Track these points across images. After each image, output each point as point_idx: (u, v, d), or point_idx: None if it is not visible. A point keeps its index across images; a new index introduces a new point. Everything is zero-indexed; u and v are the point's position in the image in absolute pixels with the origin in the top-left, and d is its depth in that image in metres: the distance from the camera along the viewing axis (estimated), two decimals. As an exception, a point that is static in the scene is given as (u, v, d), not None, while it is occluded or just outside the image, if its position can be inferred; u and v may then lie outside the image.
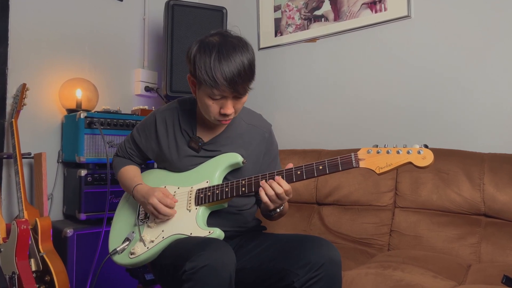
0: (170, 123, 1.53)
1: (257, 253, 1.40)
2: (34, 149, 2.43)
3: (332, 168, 1.26)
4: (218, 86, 1.28)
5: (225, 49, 1.29)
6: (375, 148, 1.23)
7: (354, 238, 2.12)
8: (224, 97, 1.33)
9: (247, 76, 1.31)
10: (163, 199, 1.40)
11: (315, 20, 2.69)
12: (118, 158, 1.69)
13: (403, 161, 1.19)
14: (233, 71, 1.27)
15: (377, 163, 1.21)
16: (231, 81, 1.28)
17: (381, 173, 1.20)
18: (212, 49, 1.29)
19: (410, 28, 2.33)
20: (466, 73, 2.15)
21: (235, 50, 1.30)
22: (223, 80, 1.27)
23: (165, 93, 2.60)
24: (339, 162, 1.25)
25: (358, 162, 1.23)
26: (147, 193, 1.44)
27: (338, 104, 2.60)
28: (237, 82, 1.29)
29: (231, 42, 1.32)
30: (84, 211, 2.33)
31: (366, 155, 1.23)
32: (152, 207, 1.41)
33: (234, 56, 1.29)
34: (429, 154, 1.17)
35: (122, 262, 1.47)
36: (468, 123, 2.14)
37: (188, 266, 1.18)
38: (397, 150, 1.20)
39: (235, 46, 1.31)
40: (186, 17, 2.61)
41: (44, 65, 2.58)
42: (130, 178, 1.57)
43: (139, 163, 1.68)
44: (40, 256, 2.03)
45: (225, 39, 1.32)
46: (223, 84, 1.28)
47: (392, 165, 1.19)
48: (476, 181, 1.90)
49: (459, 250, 1.86)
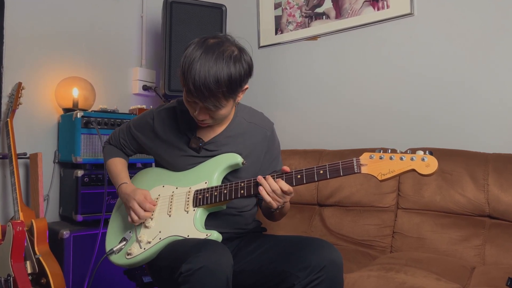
0: (169, 123, 1.53)
1: (257, 255, 1.40)
2: (29, 149, 2.43)
3: (333, 173, 1.25)
4: (188, 90, 1.28)
5: (208, 56, 1.25)
6: (377, 153, 1.21)
7: (356, 240, 2.12)
8: (195, 103, 1.32)
9: (219, 91, 1.25)
10: (142, 203, 1.43)
11: (316, 18, 2.69)
12: (110, 147, 1.70)
13: (406, 168, 1.17)
14: (203, 82, 1.23)
15: (379, 169, 1.19)
16: (198, 91, 1.25)
17: (383, 179, 1.19)
18: (199, 49, 1.27)
19: (413, 26, 2.33)
20: (470, 71, 2.15)
21: (217, 59, 1.24)
22: (192, 87, 1.25)
23: (163, 92, 2.59)
24: (341, 167, 1.24)
25: (360, 167, 1.22)
26: (129, 195, 1.48)
27: (339, 104, 2.60)
28: (205, 95, 1.25)
29: (221, 50, 1.26)
30: (81, 213, 2.33)
31: (368, 161, 1.21)
32: (131, 211, 1.45)
33: (212, 65, 1.23)
34: (433, 161, 1.15)
35: (119, 262, 1.47)
36: (472, 122, 2.14)
37: (184, 268, 1.18)
38: (401, 157, 1.18)
39: (222, 55, 1.25)
40: (184, 15, 2.60)
41: (40, 63, 2.57)
42: (116, 174, 1.59)
43: (129, 154, 1.70)
44: (36, 258, 2.03)
45: (218, 45, 1.28)
46: (191, 90, 1.26)
47: (394, 172, 1.18)
48: (480, 182, 1.90)
49: (463, 252, 1.86)
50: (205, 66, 1.24)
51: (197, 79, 1.23)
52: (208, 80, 1.23)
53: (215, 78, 1.24)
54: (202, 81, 1.23)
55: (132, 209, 1.44)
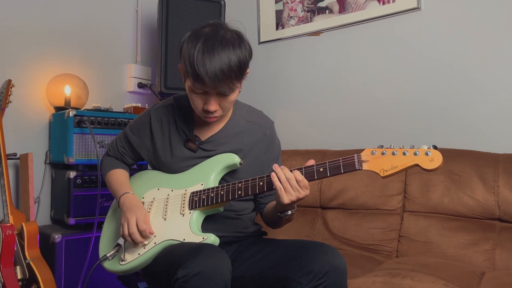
0: (165, 121, 1.53)
1: (257, 260, 1.40)
2: (20, 150, 2.43)
3: (333, 170, 1.25)
4: (199, 79, 1.29)
5: (211, 42, 1.29)
6: (379, 149, 1.21)
7: (360, 244, 2.12)
8: (206, 93, 1.33)
9: (232, 74, 1.30)
10: (140, 225, 1.38)
11: (318, 12, 2.69)
12: (109, 158, 1.69)
13: (410, 163, 1.17)
14: (216, 67, 1.27)
15: (381, 165, 1.19)
16: (213, 77, 1.28)
17: (385, 176, 1.19)
18: (199, 39, 1.30)
19: (420, 20, 2.32)
20: (479, 67, 2.15)
21: (222, 45, 1.29)
22: (204, 74, 1.27)
23: (159, 90, 2.59)
24: (341, 164, 1.24)
25: (361, 164, 1.22)
26: (130, 209, 1.43)
27: (343, 102, 2.59)
28: (219, 79, 1.28)
29: (221, 36, 1.31)
30: (73, 216, 2.32)
31: (370, 157, 1.21)
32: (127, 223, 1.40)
33: (220, 51, 1.28)
34: (437, 155, 1.15)
35: (113, 268, 1.47)
36: (481, 121, 2.14)
37: (180, 273, 1.18)
38: (403, 151, 1.18)
39: (225, 41, 1.30)
40: (181, 9, 2.60)
41: (30, 60, 2.57)
42: (120, 184, 1.57)
43: (130, 163, 1.68)
44: (26, 263, 2.03)
45: (216, 32, 1.32)
46: (204, 78, 1.28)
47: (397, 168, 1.18)
48: (490, 184, 1.90)
49: (472, 256, 1.86)
50: (212, 51, 1.28)
51: (208, 65, 1.27)
52: (221, 63, 1.27)
53: (227, 61, 1.28)
54: (216, 66, 1.27)
55: (128, 222, 1.40)
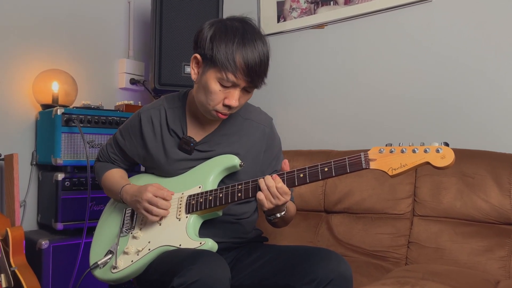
0: (157, 123, 1.53)
1: (258, 267, 1.40)
2: (4, 150, 2.43)
3: (339, 170, 1.26)
4: (235, 70, 1.31)
5: (250, 34, 1.36)
6: (388, 147, 1.22)
7: (367, 250, 2.12)
8: (234, 86, 1.35)
9: (265, 67, 1.38)
10: (158, 192, 1.40)
11: (323, 4, 2.69)
12: (101, 163, 1.69)
13: (420, 161, 1.17)
14: (255, 58, 1.33)
15: (390, 164, 1.20)
16: (251, 68, 1.32)
17: (394, 175, 1.19)
18: (236, 31, 1.35)
19: (430, 12, 2.32)
20: (494, 63, 2.15)
21: (256, 38, 1.36)
22: (244, 65, 1.31)
23: (152, 86, 2.59)
24: (347, 163, 1.25)
25: (368, 162, 1.22)
26: (139, 191, 1.44)
27: (349, 99, 2.59)
28: (256, 72, 1.34)
29: (253, 29, 1.39)
30: (61, 220, 2.32)
31: (377, 155, 1.22)
32: (147, 203, 1.40)
33: (257, 43, 1.35)
34: (449, 152, 1.16)
35: (104, 277, 1.47)
36: (496, 119, 2.14)
37: (176, 282, 1.18)
38: (413, 149, 1.19)
39: (258, 34, 1.38)
40: (176, 0, 2.60)
41: (15, 55, 2.57)
42: (117, 180, 1.58)
43: (125, 169, 1.69)
44: (11, 271, 2.03)
45: (247, 25, 1.40)
46: (242, 69, 1.31)
47: (407, 166, 1.18)
48: (506, 186, 1.90)
49: (486, 264, 1.86)
50: (251, 42, 1.34)
51: (250, 55, 1.32)
52: (261, 55, 1.35)
53: (263, 53, 1.36)
54: (255, 57, 1.33)
55: (148, 201, 1.40)
